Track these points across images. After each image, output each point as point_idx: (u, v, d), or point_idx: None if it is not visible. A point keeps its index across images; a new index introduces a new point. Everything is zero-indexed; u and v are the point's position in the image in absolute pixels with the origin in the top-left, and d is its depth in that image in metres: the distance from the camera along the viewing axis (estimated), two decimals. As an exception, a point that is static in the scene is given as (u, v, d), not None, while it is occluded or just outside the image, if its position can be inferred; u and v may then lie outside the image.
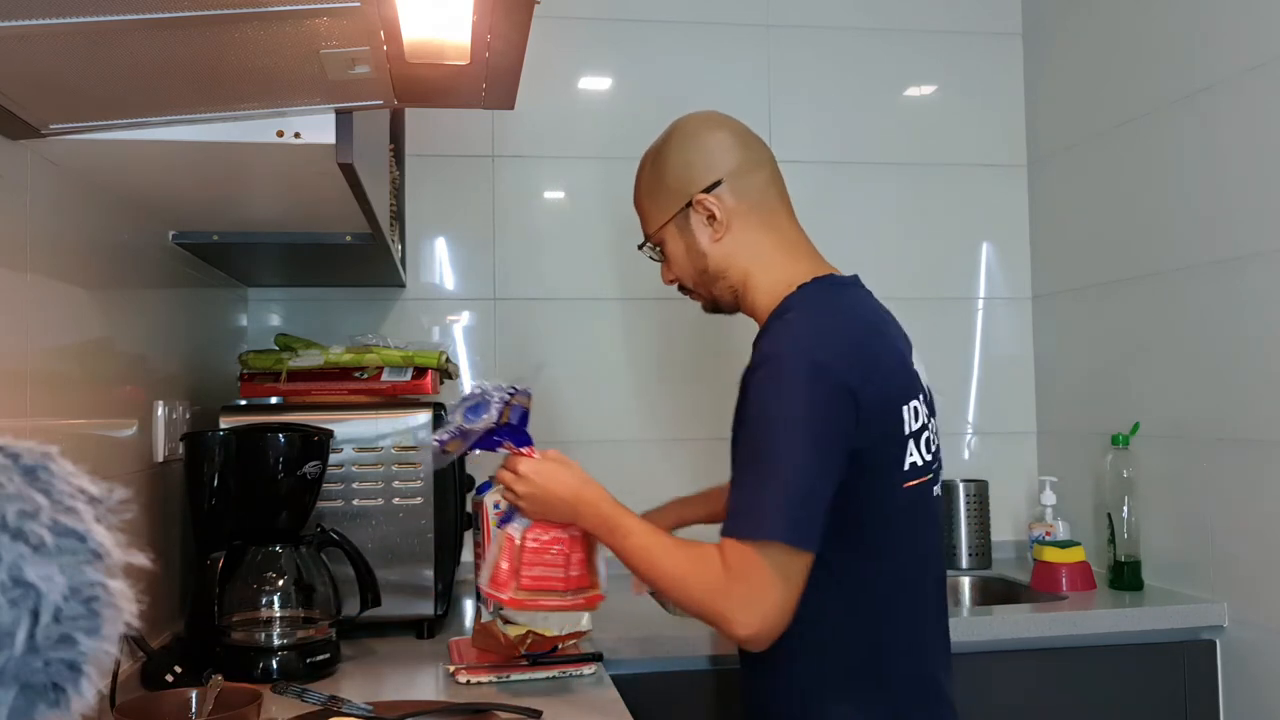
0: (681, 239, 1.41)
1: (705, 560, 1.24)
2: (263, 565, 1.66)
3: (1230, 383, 2.02)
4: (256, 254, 2.00)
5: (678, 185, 1.40)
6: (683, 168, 1.40)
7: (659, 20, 2.62)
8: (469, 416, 1.43)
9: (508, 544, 1.43)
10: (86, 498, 0.49)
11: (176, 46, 0.99)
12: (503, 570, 1.42)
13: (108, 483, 0.50)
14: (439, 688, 1.56)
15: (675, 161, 1.41)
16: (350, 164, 1.26)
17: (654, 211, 1.43)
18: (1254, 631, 1.97)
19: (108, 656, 0.47)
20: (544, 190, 2.59)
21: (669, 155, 1.42)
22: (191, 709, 1.28)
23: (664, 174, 1.41)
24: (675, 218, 1.41)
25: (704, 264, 1.41)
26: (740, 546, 1.21)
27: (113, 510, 0.50)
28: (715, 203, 1.38)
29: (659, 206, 1.42)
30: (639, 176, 1.46)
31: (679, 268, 1.44)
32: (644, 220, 1.45)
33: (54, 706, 0.46)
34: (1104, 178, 2.41)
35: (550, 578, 1.43)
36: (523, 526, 1.42)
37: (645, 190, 1.44)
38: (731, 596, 1.21)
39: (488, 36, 1.04)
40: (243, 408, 1.95)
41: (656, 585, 1.31)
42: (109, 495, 0.50)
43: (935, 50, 2.72)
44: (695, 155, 1.40)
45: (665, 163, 1.42)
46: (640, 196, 1.45)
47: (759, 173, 1.40)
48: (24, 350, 1.25)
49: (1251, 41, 1.97)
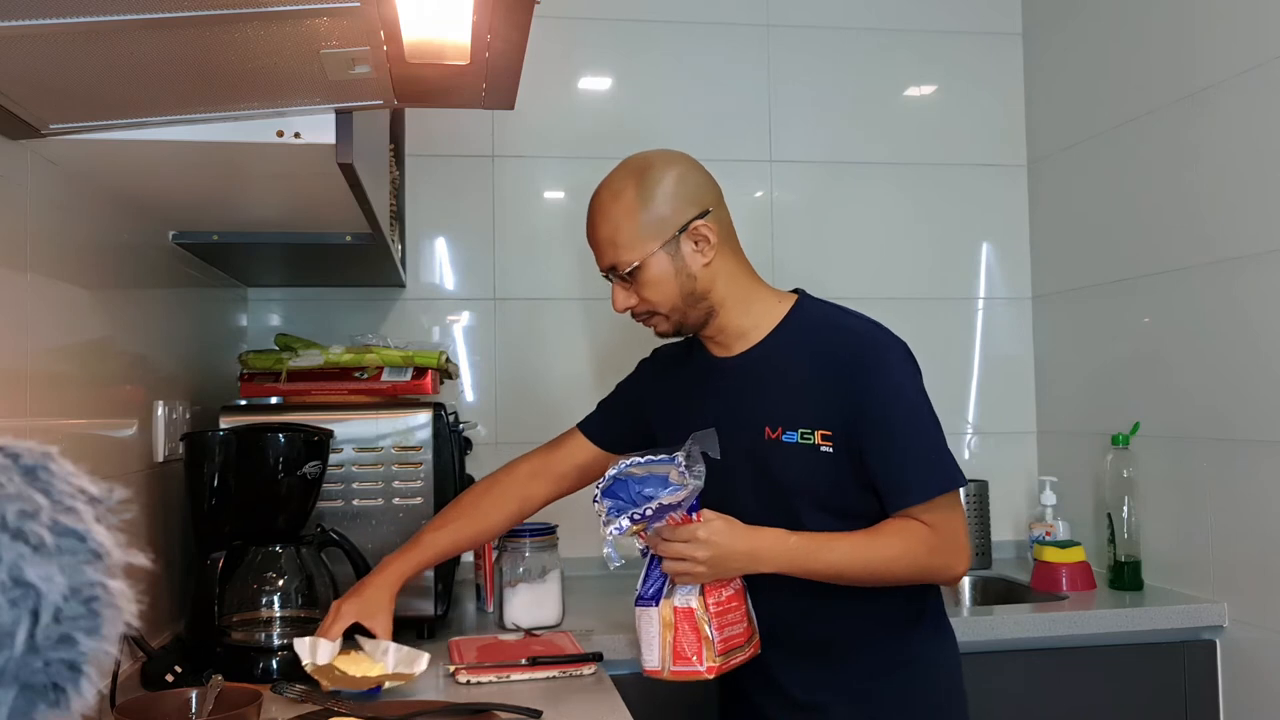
0: (671, 264, 1.48)
1: (908, 531, 1.43)
2: (263, 565, 1.66)
3: (1230, 383, 2.02)
4: (256, 254, 2.00)
5: (669, 213, 1.48)
6: (675, 197, 1.49)
7: (659, 20, 2.62)
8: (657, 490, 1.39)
9: (683, 617, 1.40)
10: (86, 498, 0.49)
11: (176, 46, 0.99)
12: (689, 644, 1.39)
13: (108, 483, 0.50)
14: (439, 688, 1.56)
15: (664, 191, 1.48)
16: (350, 164, 1.26)
17: (639, 239, 1.48)
18: (1254, 631, 1.97)
19: (108, 656, 0.47)
20: (544, 190, 2.59)
21: (656, 185, 1.48)
22: (191, 709, 1.28)
23: (652, 202, 1.48)
24: (666, 244, 1.47)
25: (692, 287, 1.49)
26: (934, 503, 1.43)
27: (113, 510, 0.50)
28: (709, 229, 1.49)
29: (647, 234, 1.48)
30: (612, 208, 1.49)
31: (658, 292, 1.49)
32: (622, 248, 1.48)
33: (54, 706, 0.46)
34: (1104, 178, 2.41)
35: (736, 635, 1.44)
36: (691, 594, 1.40)
37: (626, 219, 1.48)
38: (945, 549, 1.44)
39: (488, 36, 1.04)
40: (243, 408, 1.95)
41: (873, 574, 1.43)
42: (109, 495, 0.50)
43: (935, 50, 2.71)
44: (683, 187, 1.50)
45: (653, 192, 1.48)
46: (618, 225, 1.48)
47: (725, 208, 1.55)
48: (24, 350, 1.25)
49: (1250, 41, 1.97)
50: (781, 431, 1.47)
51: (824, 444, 1.45)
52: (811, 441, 1.45)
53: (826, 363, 1.46)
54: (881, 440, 1.43)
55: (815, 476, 1.46)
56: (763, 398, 1.50)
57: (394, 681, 1.47)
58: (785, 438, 1.47)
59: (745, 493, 1.50)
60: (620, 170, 1.53)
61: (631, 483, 1.41)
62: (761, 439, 1.49)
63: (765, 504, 1.49)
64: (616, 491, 1.41)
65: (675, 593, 1.42)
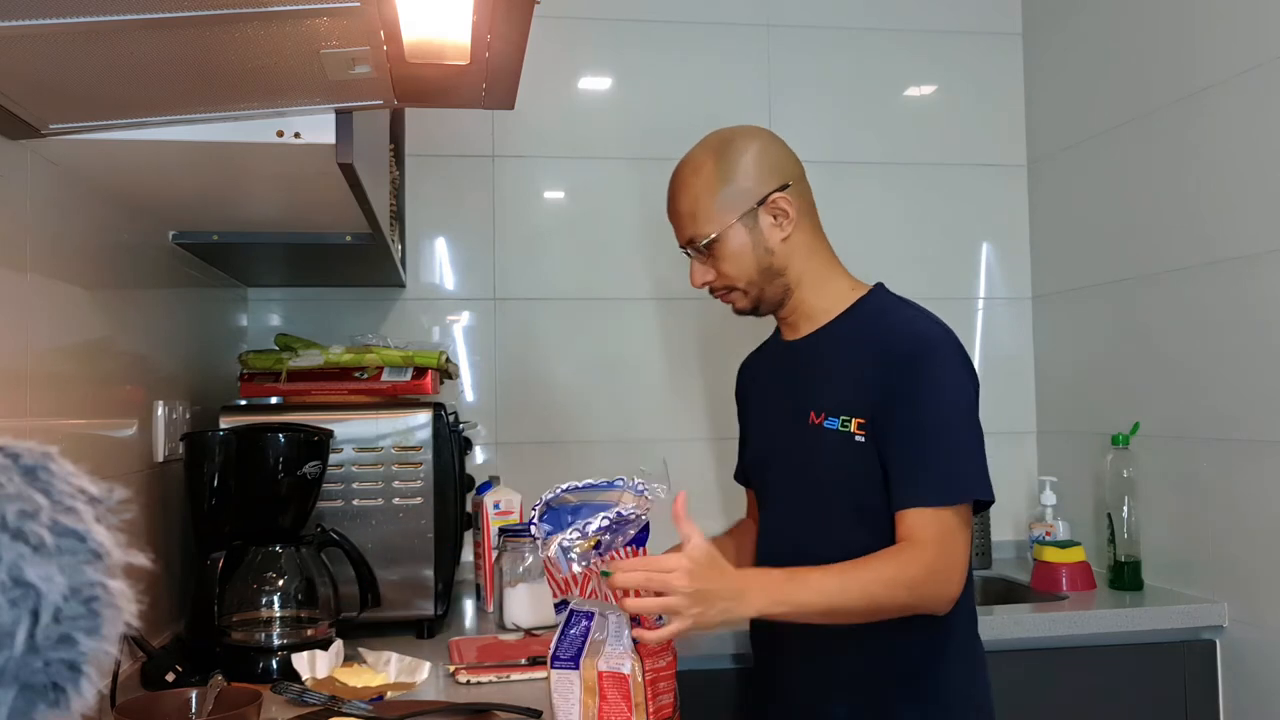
0: (749, 237, 1.47)
1: (901, 553, 1.34)
2: (263, 565, 1.66)
3: (1230, 383, 2.02)
4: (256, 254, 2.00)
5: (750, 185, 1.47)
6: (756, 169, 1.48)
7: (659, 20, 2.62)
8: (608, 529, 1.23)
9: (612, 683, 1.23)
10: (86, 498, 0.49)
11: (176, 46, 0.99)
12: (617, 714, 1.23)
13: (108, 483, 0.50)
14: (439, 688, 1.56)
15: (744, 164, 1.48)
16: (350, 164, 1.26)
17: (717, 211, 1.47)
18: (1254, 631, 1.97)
19: (108, 656, 0.47)
20: (544, 190, 2.59)
21: (736, 157, 1.48)
22: (191, 709, 1.28)
23: (733, 175, 1.47)
24: (743, 217, 1.47)
25: (769, 261, 1.49)
26: (940, 514, 1.34)
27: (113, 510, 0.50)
28: (788, 202, 1.48)
29: (725, 206, 1.47)
30: (692, 181, 1.48)
31: (735, 265, 1.48)
32: (700, 220, 1.47)
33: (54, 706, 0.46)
34: (1104, 178, 2.41)
35: (665, 706, 1.28)
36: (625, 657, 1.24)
37: (705, 192, 1.47)
38: (930, 581, 1.33)
39: (488, 36, 1.04)
40: (243, 408, 1.95)
41: (869, 601, 1.31)
42: (109, 495, 0.50)
43: (935, 50, 2.71)
44: (764, 159, 1.49)
45: (734, 164, 1.48)
46: (697, 198, 1.47)
47: (806, 183, 1.55)
48: (24, 350, 1.25)
49: (1250, 42, 1.97)
50: (824, 418, 1.45)
51: (858, 433, 1.41)
52: (848, 430, 1.42)
53: (877, 352, 1.43)
54: (905, 430, 1.38)
55: (847, 467, 1.42)
56: (815, 382, 1.49)
57: (395, 691, 1.47)
58: (827, 424, 1.45)
59: (780, 480, 1.49)
60: (701, 145, 1.52)
61: (564, 511, 1.28)
62: (806, 424, 1.47)
63: (797, 494, 1.47)
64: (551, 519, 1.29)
65: (602, 653, 1.24)
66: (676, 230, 1.52)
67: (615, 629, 1.26)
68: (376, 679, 1.50)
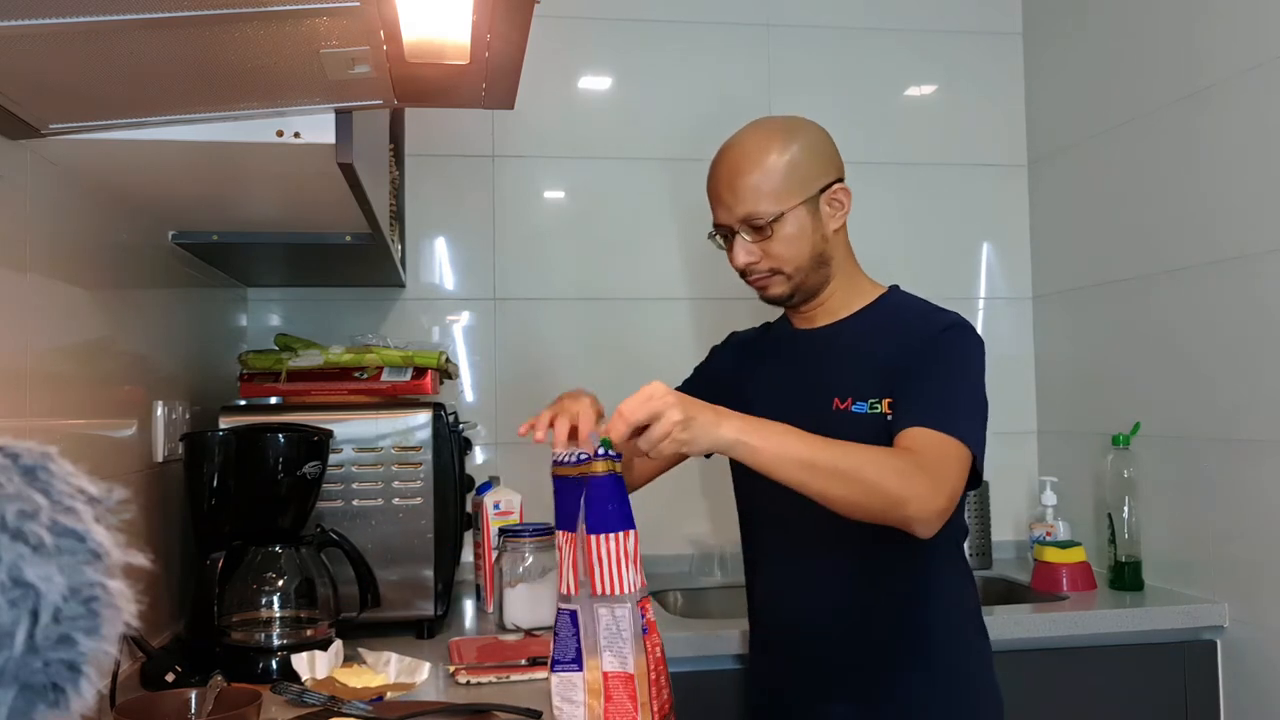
0: (809, 222, 1.49)
1: (895, 449, 1.34)
2: (263, 565, 1.66)
3: (1230, 383, 2.02)
4: (256, 254, 2.00)
5: (817, 170, 1.49)
6: (820, 156, 1.50)
7: (659, 20, 2.62)
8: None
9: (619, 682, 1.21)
10: (86, 498, 0.49)
11: (176, 46, 0.99)
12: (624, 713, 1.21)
13: (108, 483, 0.50)
14: (439, 688, 1.56)
15: (812, 148, 1.50)
16: (350, 164, 1.26)
17: (785, 190, 1.47)
18: (1254, 631, 1.97)
19: (107, 656, 0.47)
20: (544, 190, 2.59)
21: (805, 140, 1.50)
22: (191, 709, 1.28)
23: (801, 156, 1.48)
24: (807, 201, 1.48)
25: (822, 249, 1.51)
26: (941, 436, 1.34)
27: (112, 510, 0.50)
28: (845, 194, 1.52)
29: (792, 186, 1.47)
30: (762, 155, 1.47)
31: (792, 248, 1.48)
32: (766, 196, 1.47)
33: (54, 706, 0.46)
34: (1104, 178, 2.41)
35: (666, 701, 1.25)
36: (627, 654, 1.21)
37: (775, 168, 1.47)
38: (920, 476, 1.29)
39: (488, 36, 1.04)
40: (243, 408, 1.95)
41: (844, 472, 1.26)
42: (109, 495, 0.50)
43: (935, 50, 2.71)
44: (828, 147, 1.53)
45: (803, 148, 1.49)
46: (768, 173, 1.47)
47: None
48: (24, 350, 1.25)
49: (1251, 41, 1.97)
50: (851, 402, 1.46)
51: (887, 411, 1.42)
52: (879, 410, 1.43)
53: (902, 339, 1.47)
54: (918, 377, 1.41)
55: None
56: (836, 369, 1.50)
57: (395, 692, 1.47)
58: (855, 408, 1.46)
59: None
60: (764, 125, 1.52)
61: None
62: (829, 409, 1.47)
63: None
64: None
65: (604, 653, 1.22)
66: (728, 205, 1.49)
67: (611, 627, 1.24)
68: (376, 679, 1.50)
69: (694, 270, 2.58)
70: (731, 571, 2.42)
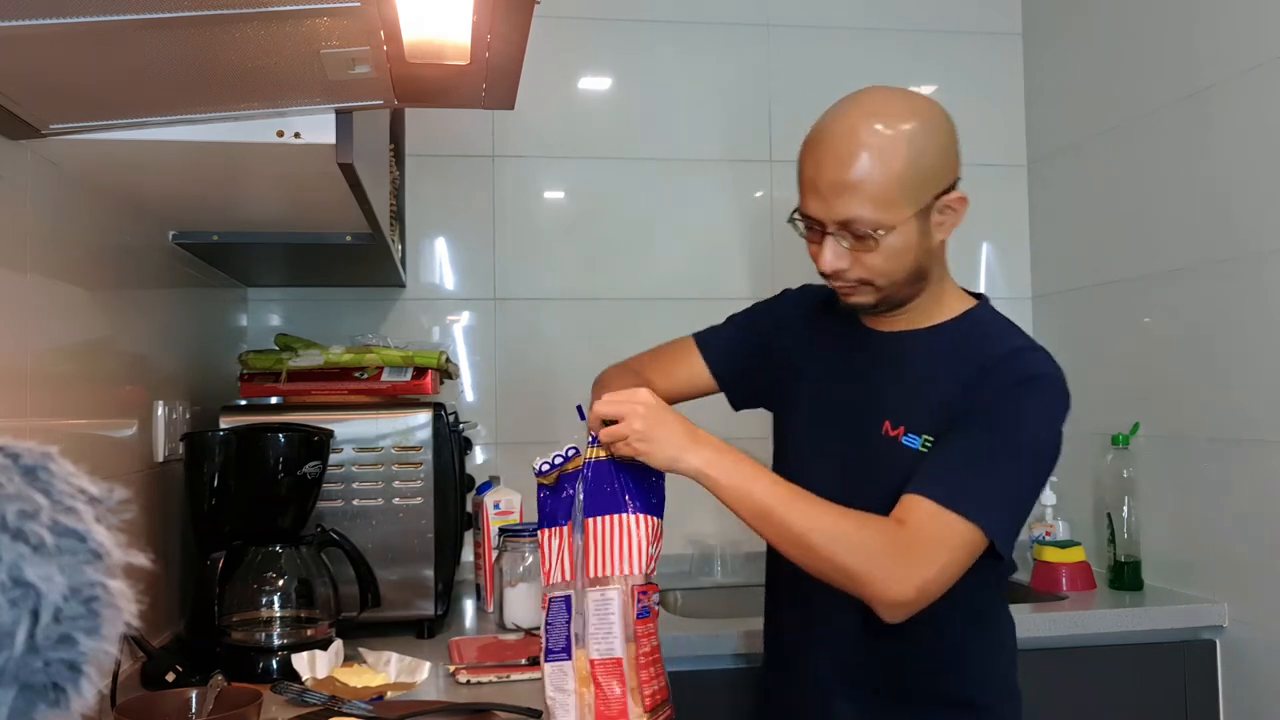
0: (916, 235, 1.26)
1: (872, 519, 1.20)
2: (263, 565, 1.66)
3: (1230, 383, 2.02)
4: (256, 254, 2.00)
5: (939, 175, 1.26)
6: (941, 159, 1.27)
7: (659, 20, 2.62)
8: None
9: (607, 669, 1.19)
10: (86, 498, 0.49)
11: (176, 46, 0.99)
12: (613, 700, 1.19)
13: (108, 483, 0.50)
14: (439, 688, 1.56)
15: (940, 149, 1.27)
16: (350, 164, 1.26)
17: (900, 200, 1.24)
18: (1254, 631, 1.97)
19: (108, 656, 0.47)
20: (544, 190, 2.59)
21: (933, 141, 1.26)
22: (191, 709, 1.28)
23: (924, 160, 1.24)
24: (920, 212, 1.26)
25: (924, 263, 1.30)
26: (942, 513, 1.18)
27: (113, 510, 0.50)
28: (960, 202, 1.29)
29: (909, 195, 1.24)
30: (879, 151, 1.23)
31: (892, 263, 1.27)
32: (876, 204, 1.23)
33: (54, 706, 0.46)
34: (1104, 178, 2.41)
35: (659, 691, 1.23)
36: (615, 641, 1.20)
37: (894, 173, 1.23)
38: (892, 558, 1.17)
39: (488, 36, 1.04)
40: (243, 408, 1.95)
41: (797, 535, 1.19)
42: (109, 495, 0.50)
43: (935, 50, 2.71)
44: (952, 145, 1.29)
45: (931, 148, 1.25)
46: (885, 176, 1.23)
47: None
48: (24, 350, 1.25)
49: (1251, 41, 1.97)
50: (903, 431, 1.30)
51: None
52: (929, 450, 1.28)
53: (971, 374, 1.28)
54: (959, 438, 1.24)
55: None
56: (896, 388, 1.34)
57: (395, 692, 1.47)
58: (905, 439, 1.30)
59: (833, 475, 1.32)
60: (886, 105, 1.28)
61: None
62: (877, 432, 1.32)
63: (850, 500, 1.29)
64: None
65: (590, 641, 1.21)
66: (826, 201, 1.25)
67: (600, 610, 1.22)
68: (376, 679, 1.50)
69: (694, 270, 2.58)
70: (732, 571, 2.42)
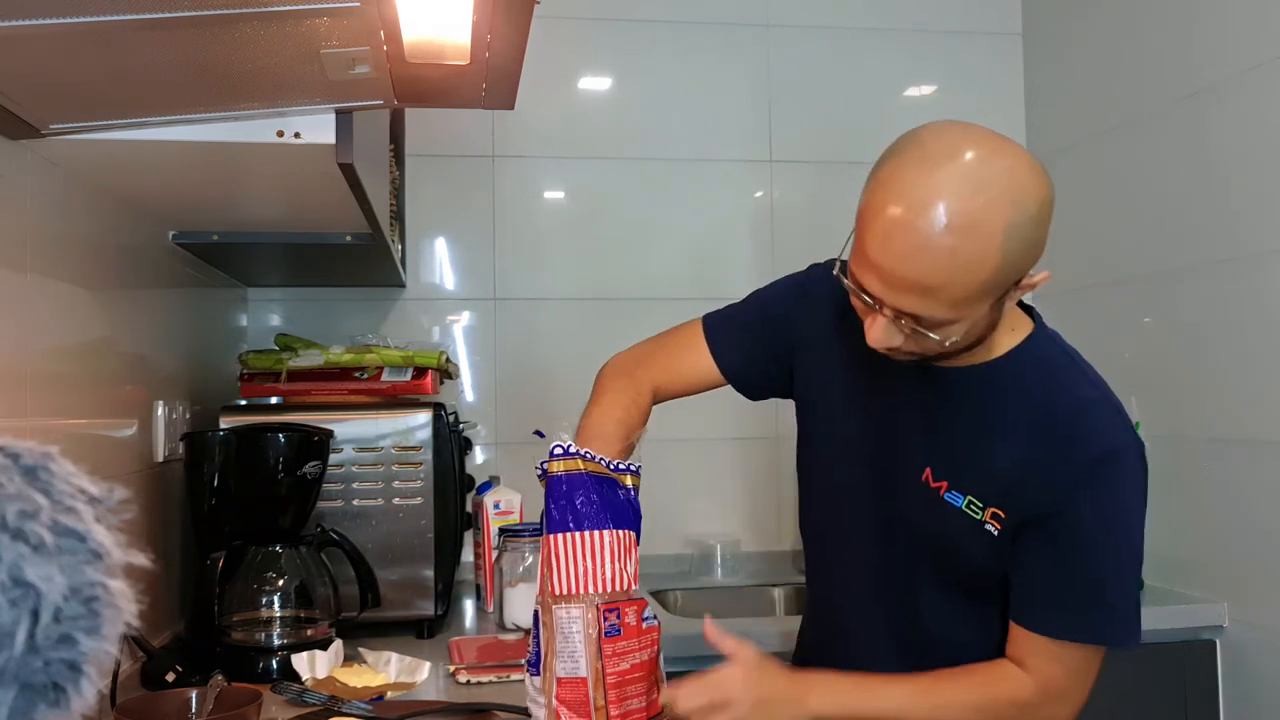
0: (986, 319, 1.09)
1: (997, 678, 1.18)
2: (263, 565, 1.66)
3: (1230, 382, 2.02)
4: (256, 254, 2.00)
5: (1024, 267, 1.07)
6: (1034, 251, 1.07)
7: (659, 20, 2.62)
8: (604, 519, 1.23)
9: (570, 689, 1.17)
10: (86, 498, 0.49)
11: (176, 46, 0.99)
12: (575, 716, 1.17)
13: (108, 483, 0.50)
14: (439, 688, 1.56)
15: (1032, 246, 1.06)
16: (350, 164, 1.26)
17: (974, 298, 1.05)
18: (1254, 631, 1.97)
19: (108, 656, 0.47)
20: (544, 190, 2.59)
21: (1028, 235, 1.04)
22: (191, 709, 1.28)
23: (1015, 260, 1.04)
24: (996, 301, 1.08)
25: (986, 334, 1.13)
26: (1069, 648, 1.15)
27: (113, 510, 0.50)
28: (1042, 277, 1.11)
29: (985, 291, 1.05)
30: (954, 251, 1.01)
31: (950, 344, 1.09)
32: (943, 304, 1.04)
33: (54, 706, 0.46)
34: (1104, 178, 2.41)
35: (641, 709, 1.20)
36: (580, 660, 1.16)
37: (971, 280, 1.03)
38: (1038, 710, 1.17)
39: (488, 36, 1.04)
40: (243, 408, 1.95)
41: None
42: (109, 495, 0.50)
43: (935, 50, 2.71)
44: (1046, 228, 1.08)
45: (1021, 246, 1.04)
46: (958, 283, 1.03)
47: None
48: (24, 350, 1.25)
49: (1251, 41, 1.97)
50: (946, 487, 1.18)
51: (991, 523, 1.16)
52: (979, 517, 1.16)
53: (1040, 434, 1.14)
54: (1060, 551, 1.14)
55: (968, 556, 1.18)
56: (939, 433, 1.20)
57: (395, 692, 1.48)
58: (948, 496, 1.18)
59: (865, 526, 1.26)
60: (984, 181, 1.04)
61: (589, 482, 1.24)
62: (916, 481, 1.20)
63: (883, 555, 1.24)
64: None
65: (555, 661, 1.18)
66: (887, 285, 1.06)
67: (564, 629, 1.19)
68: (376, 679, 1.50)
69: (694, 271, 2.58)
70: (732, 571, 2.42)
